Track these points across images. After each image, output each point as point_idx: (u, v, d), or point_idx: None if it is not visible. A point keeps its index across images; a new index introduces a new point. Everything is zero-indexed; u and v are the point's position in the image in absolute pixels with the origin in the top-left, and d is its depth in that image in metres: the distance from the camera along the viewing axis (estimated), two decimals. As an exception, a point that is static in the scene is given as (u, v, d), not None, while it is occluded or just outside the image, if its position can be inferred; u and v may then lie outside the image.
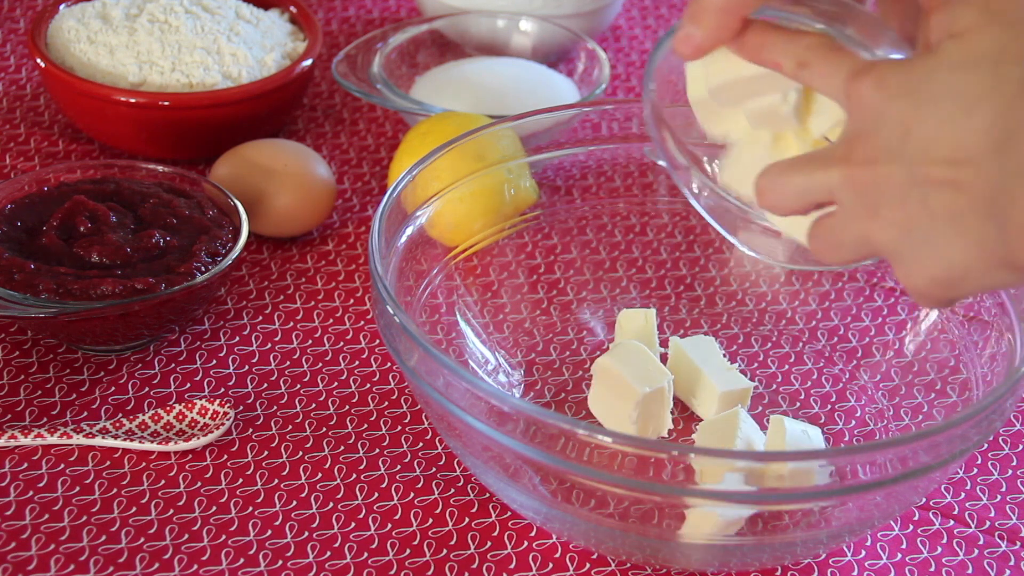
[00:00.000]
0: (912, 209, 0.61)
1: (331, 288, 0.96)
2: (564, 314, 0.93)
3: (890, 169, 0.61)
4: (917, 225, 0.61)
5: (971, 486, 0.85)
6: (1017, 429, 0.89)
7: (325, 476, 0.83)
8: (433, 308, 0.87)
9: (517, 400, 0.83)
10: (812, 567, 0.80)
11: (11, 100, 1.10)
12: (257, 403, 0.87)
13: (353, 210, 1.02)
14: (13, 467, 0.82)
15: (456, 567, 0.78)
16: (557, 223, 0.94)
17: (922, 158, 0.60)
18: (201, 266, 0.87)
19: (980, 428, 0.73)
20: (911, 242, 0.62)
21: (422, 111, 1.02)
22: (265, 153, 0.98)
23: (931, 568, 0.80)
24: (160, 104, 1.00)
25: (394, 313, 0.75)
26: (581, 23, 1.15)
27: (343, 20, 1.22)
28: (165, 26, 1.03)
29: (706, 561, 0.78)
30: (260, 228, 0.97)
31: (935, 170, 0.60)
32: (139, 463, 0.82)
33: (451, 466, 0.84)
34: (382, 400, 0.88)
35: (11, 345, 0.89)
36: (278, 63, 1.05)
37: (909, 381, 0.86)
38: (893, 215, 0.62)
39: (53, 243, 0.88)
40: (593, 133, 0.93)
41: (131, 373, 0.88)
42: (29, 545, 0.77)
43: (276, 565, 0.78)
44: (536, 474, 0.76)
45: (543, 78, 1.09)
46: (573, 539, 0.79)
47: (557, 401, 0.88)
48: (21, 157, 1.04)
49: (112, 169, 0.95)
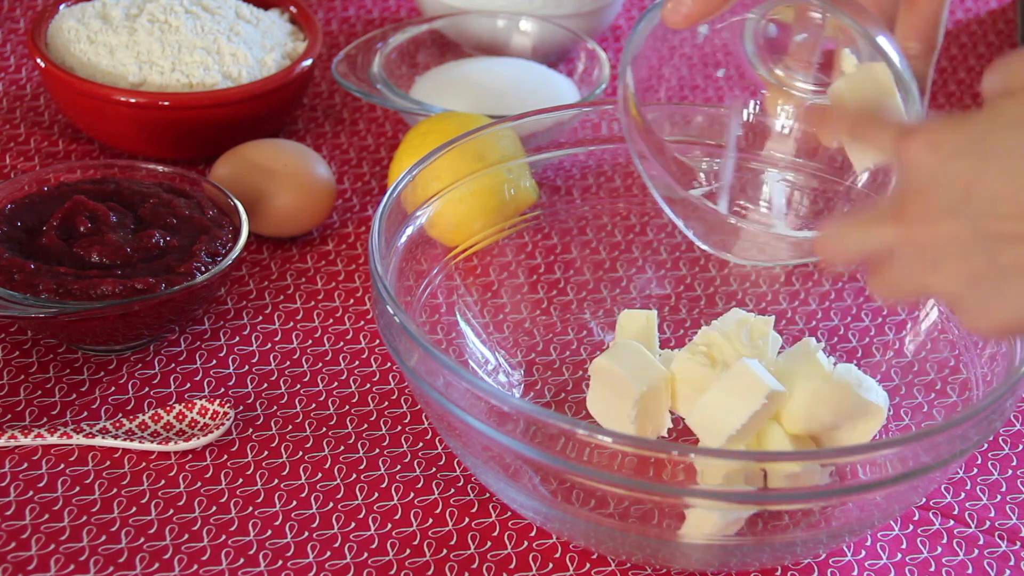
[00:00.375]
0: (978, 263, 0.63)
1: (331, 288, 0.96)
2: (564, 314, 0.93)
3: (953, 226, 0.63)
4: (984, 277, 0.63)
5: (971, 486, 0.85)
6: (1017, 429, 0.89)
7: (325, 476, 0.83)
8: (433, 308, 0.87)
9: (517, 400, 0.83)
10: (812, 567, 0.80)
11: (11, 100, 1.10)
12: (257, 403, 0.87)
13: (353, 210, 1.02)
14: (13, 467, 0.82)
15: (456, 567, 0.78)
16: (557, 223, 0.94)
17: (989, 214, 0.62)
18: (201, 266, 0.87)
19: (980, 428, 0.73)
20: (978, 294, 0.63)
21: (422, 111, 1.02)
22: (265, 153, 0.98)
23: (931, 568, 0.80)
24: (160, 104, 1.00)
25: (394, 313, 0.75)
26: (581, 23, 1.15)
27: (343, 20, 1.22)
28: (165, 26, 1.03)
29: (706, 561, 0.78)
30: (260, 228, 0.97)
31: (1005, 225, 0.61)
32: (139, 463, 0.82)
33: (451, 466, 0.84)
34: (382, 400, 0.88)
35: (11, 345, 0.89)
36: (278, 63, 1.05)
37: (909, 381, 0.86)
38: (957, 268, 0.63)
39: (53, 243, 0.88)
40: (593, 133, 0.93)
41: (131, 373, 0.88)
42: (29, 545, 0.77)
43: (276, 565, 0.78)
44: (536, 474, 0.76)
45: (543, 78, 1.09)
46: (573, 539, 0.79)
47: (557, 401, 0.88)
48: (21, 157, 1.04)
49: (112, 169, 0.95)
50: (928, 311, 0.88)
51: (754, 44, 0.79)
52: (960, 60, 1.24)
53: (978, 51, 1.25)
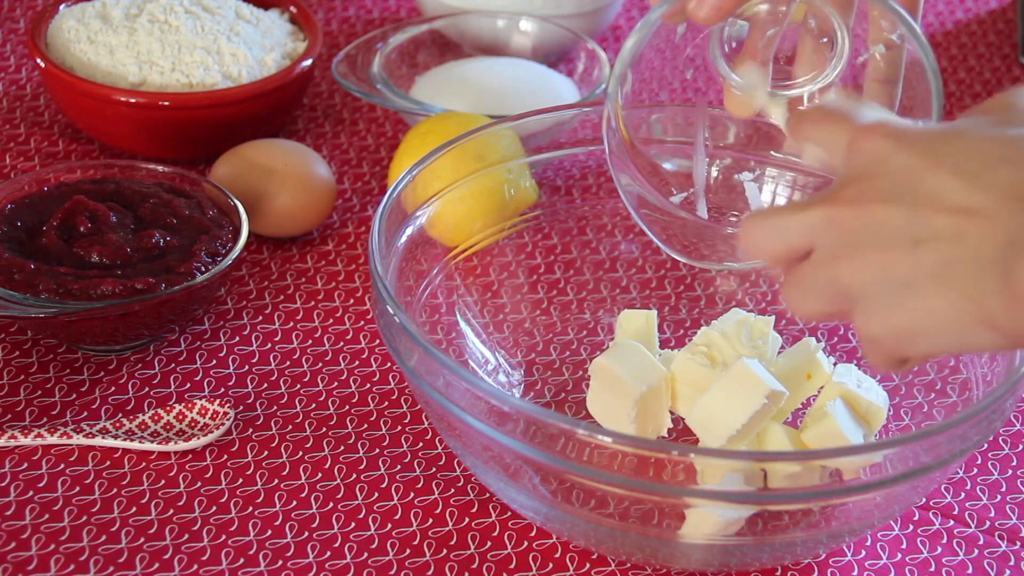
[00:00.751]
0: (898, 256, 0.60)
1: (331, 288, 0.96)
2: (564, 314, 0.93)
3: (887, 211, 0.60)
4: (896, 272, 0.60)
5: (971, 486, 0.85)
6: (1017, 429, 0.89)
7: (325, 476, 0.83)
8: (433, 308, 0.87)
9: (517, 400, 0.83)
10: (812, 567, 0.80)
11: (11, 100, 1.10)
12: (257, 403, 0.87)
13: (353, 210, 1.02)
14: (13, 467, 0.82)
15: (456, 567, 0.78)
16: (557, 223, 0.94)
17: (929, 204, 0.59)
18: (201, 266, 0.87)
19: (980, 428, 0.73)
20: (883, 288, 0.61)
21: (422, 111, 1.02)
22: (265, 153, 0.98)
23: (931, 568, 0.80)
24: (160, 104, 1.00)
25: (394, 313, 0.75)
26: (581, 23, 1.15)
27: (343, 20, 1.22)
28: (165, 26, 1.03)
29: (706, 561, 0.78)
30: (260, 228, 0.97)
31: (939, 218, 0.59)
32: (139, 463, 0.82)
33: (451, 466, 0.84)
34: (382, 400, 0.88)
35: (11, 345, 0.89)
36: (278, 63, 1.05)
37: (909, 381, 0.86)
38: (875, 258, 0.61)
39: (53, 243, 0.88)
40: (593, 133, 0.93)
41: (131, 373, 0.88)
42: (29, 545, 0.77)
43: (276, 565, 0.78)
44: (536, 474, 0.76)
45: (543, 78, 1.09)
46: (573, 539, 0.79)
47: (557, 401, 0.88)
48: (21, 157, 1.04)
49: (112, 169, 0.95)
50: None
51: (720, 44, 0.78)
52: (960, 60, 1.24)
53: (978, 51, 1.25)
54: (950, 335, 0.60)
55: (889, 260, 0.60)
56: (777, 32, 0.78)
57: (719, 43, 0.78)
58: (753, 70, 0.78)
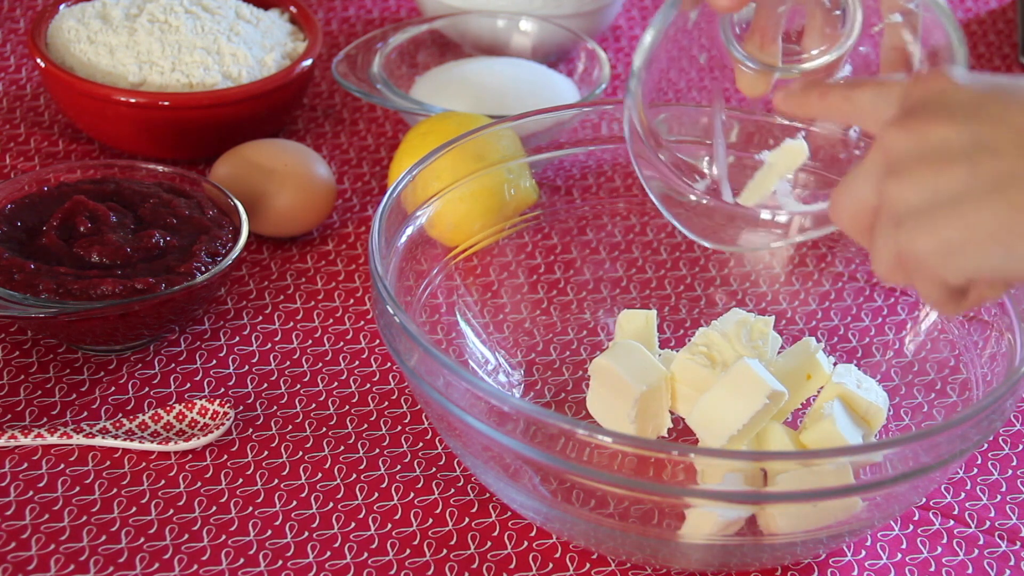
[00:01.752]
0: (950, 169, 0.59)
1: (331, 288, 0.96)
2: (564, 314, 0.93)
3: (943, 129, 0.59)
4: (947, 187, 0.59)
5: (971, 486, 0.85)
6: (1017, 429, 0.89)
7: (325, 476, 0.83)
8: (433, 308, 0.87)
9: (517, 400, 0.83)
10: (812, 567, 0.80)
11: (11, 100, 1.10)
12: (257, 403, 0.87)
13: (353, 210, 1.02)
14: (13, 467, 0.82)
15: (456, 567, 0.78)
16: (557, 223, 0.94)
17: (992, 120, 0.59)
18: (201, 266, 0.87)
19: (980, 428, 0.73)
20: (932, 204, 0.60)
21: (422, 111, 1.02)
22: (265, 153, 0.98)
23: (931, 568, 0.80)
24: (160, 104, 1.00)
25: (394, 313, 0.75)
26: (581, 23, 1.15)
27: (343, 20, 1.22)
28: (165, 26, 1.03)
29: (706, 561, 0.78)
30: (260, 228, 0.97)
31: (1003, 131, 0.59)
32: (139, 463, 0.82)
33: (451, 466, 0.84)
34: (382, 400, 0.88)
35: (11, 345, 0.89)
36: (278, 63, 1.05)
37: (909, 381, 0.86)
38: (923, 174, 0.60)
39: (53, 243, 0.88)
40: (593, 133, 0.93)
41: (131, 373, 0.88)
42: (29, 545, 0.77)
43: (276, 565, 0.78)
44: (536, 474, 0.76)
45: (543, 78, 1.09)
46: (573, 539, 0.79)
47: (557, 401, 0.88)
48: (21, 157, 1.04)
49: (112, 169, 0.95)
50: (928, 311, 0.88)
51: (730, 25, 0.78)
52: (960, 60, 1.24)
53: (978, 51, 1.25)
54: (999, 250, 0.59)
55: (941, 175, 0.59)
56: (785, 8, 0.78)
57: (729, 24, 0.78)
58: (764, 48, 0.78)
